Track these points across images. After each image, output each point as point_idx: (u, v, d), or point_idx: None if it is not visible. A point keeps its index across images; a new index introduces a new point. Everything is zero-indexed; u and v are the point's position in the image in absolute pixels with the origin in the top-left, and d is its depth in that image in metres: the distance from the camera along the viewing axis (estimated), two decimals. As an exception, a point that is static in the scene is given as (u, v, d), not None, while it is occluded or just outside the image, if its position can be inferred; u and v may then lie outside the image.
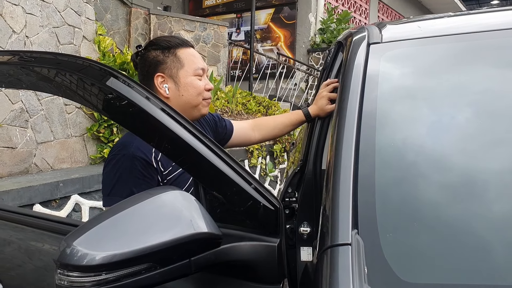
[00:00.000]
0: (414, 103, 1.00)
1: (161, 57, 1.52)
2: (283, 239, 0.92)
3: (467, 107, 0.96)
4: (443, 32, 1.26)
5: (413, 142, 0.91)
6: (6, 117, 3.82)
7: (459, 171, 0.83)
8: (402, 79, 1.07)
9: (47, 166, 4.20)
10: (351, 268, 0.68)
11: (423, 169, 0.85)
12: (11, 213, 1.41)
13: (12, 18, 3.95)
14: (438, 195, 0.81)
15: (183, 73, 1.51)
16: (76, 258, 0.75)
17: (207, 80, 1.57)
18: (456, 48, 1.15)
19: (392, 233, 0.74)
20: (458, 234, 0.74)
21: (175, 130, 0.90)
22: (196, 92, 1.52)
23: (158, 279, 0.82)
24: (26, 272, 1.35)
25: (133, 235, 0.79)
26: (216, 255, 0.88)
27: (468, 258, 0.70)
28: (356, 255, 0.70)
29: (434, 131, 0.93)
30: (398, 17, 13.56)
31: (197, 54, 1.58)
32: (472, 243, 0.72)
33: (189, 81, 1.51)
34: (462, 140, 0.90)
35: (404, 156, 0.88)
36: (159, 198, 0.86)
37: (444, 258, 0.71)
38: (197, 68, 1.53)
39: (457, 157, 0.86)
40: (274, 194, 0.95)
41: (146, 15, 6.90)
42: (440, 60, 1.13)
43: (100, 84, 0.93)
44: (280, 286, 0.91)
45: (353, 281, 0.66)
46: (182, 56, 1.52)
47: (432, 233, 0.75)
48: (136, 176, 1.34)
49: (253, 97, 7.31)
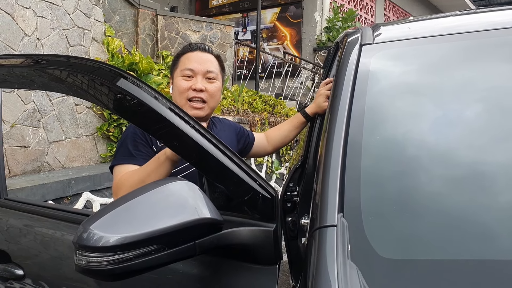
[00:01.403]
0: (400, 100, 1.09)
1: (173, 62, 1.70)
2: (279, 224, 1.01)
3: (449, 103, 1.04)
4: (432, 33, 1.34)
5: (396, 136, 1.00)
6: (19, 117, 3.94)
7: (434, 164, 0.92)
8: (390, 78, 1.16)
9: (59, 164, 4.32)
10: (336, 246, 0.77)
11: (404, 161, 0.94)
12: (29, 205, 1.51)
13: (24, 21, 4.06)
14: (415, 185, 0.90)
15: (175, 75, 1.66)
16: (92, 241, 0.84)
17: (198, 81, 1.59)
18: (444, 48, 1.23)
19: (374, 216, 0.83)
20: (430, 217, 0.83)
21: (181, 127, 0.99)
22: (178, 91, 1.61)
23: (166, 259, 0.91)
24: (43, 260, 1.45)
25: (143, 219, 0.88)
26: (218, 238, 0.97)
27: (437, 238, 0.79)
28: (341, 235, 0.78)
29: (416, 125, 1.02)
30: (404, 15, 13.55)
31: (195, 56, 1.63)
32: (442, 224, 0.81)
33: (176, 82, 1.63)
34: (441, 133, 0.98)
35: (388, 149, 0.97)
36: (167, 188, 0.95)
37: (417, 238, 0.80)
38: (184, 69, 1.61)
39: (434, 149, 0.95)
40: (270, 184, 1.04)
41: (153, 16, 7.00)
42: (427, 59, 1.21)
43: (111, 84, 1.02)
44: (276, 266, 1.00)
45: (337, 258, 0.75)
46: (181, 60, 1.65)
47: (408, 217, 0.84)
48: (135, 140, 1.49)
49: (259, 96, 7.40)
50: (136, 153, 1.48)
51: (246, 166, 1.03)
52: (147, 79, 5.02)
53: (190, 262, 1.03)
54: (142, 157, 1.47)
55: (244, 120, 6.08)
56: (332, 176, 0.89)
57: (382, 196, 0.89)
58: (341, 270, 0.73)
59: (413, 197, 0.87)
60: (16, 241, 1.46)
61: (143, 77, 5.01)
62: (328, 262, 0.75)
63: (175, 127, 0.99)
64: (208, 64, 1.64)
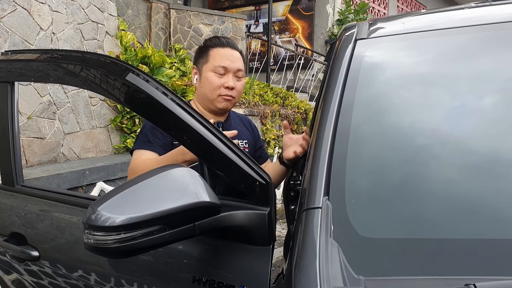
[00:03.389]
0: (388, 93, 1.15)
1: (200, 53, 1.76)
2: (273, 208, 1.09)
3: (435, 95, 1.11)
4: (426, 27, 1.39)
5: (382, 126, 1.07)
6: (35, 110, 4.06)
7: (413, 152, 0.99)
8: (381, 72, 1.22)
9: (74, 155, 4.45)
10: (319, 226, 0.84)
11: (386, 149, 1.02)
12: (45, 192, 1.60)
13: (40, 16, 4.18)
14: (394, 171, 0.97)
15: (205, 68, 1.71)
16: (100, 221, 0.92)
17: (230, 79, 1.69)
18: (437, 42, 1.29)
19: (356, 199, 0.91)
20: (407, 200, 0.90)
21: (186, 120, 1.07)
22: (210, 87, 1.68)
23: (167, 239, 0.99)
24: (59, 244, 1.54)
25: (147, 202, 0.96)
26: (216, 221, 1.05)
27: (413, 218, 0.87)
28: (325, 216, 0.86)
29: (401, 117, 1.09)
30: (418, 7, 13.43)
31: (227, 54, 1.71)
32: (417, 205, 0.88)
33: (207, 76, 1.69)
34: (423, 123, 1.05)
35: (373, 138, 1.04)
36: (170, 173, 1.03)
37: (394, 219, 0.88)
38: (217, 66, 1.68)
39: (415, 139, 1.02)
40: (265, 171, 1.11)
41: (166, 10, 7.09)
42: (419, 53, 1.27)
43: (121, 78, 1.10)
44: (270, 247, 1.08)
45: (320, 236, 0.83)
46: (211, 54, 1.71)
47: (387, 200, 0.91)
48: (154, 128, 1.60)
49: (270, 88, 7.45)
50: (154, 140, 1.60)
51: (243, 154, 1.10)
52: (159, 72, 5.12)
53: (190, 243, 1.11)
54: (158, 144, 1.60)
55: (255, 112, 6.16)
56: (320, 162, 0.97)
57: (364, 181, 0.96)
58: (323, 247, 0.81)
59: (392, 182, 0.95)
60: (32, 225, 1.56)
61: (155, 70, 5.11)
62: (312, 240, 0.83)
63: (180, 119, 1.07)
64: (238, 63, 1.73)
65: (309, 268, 0.79)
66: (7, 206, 1.62)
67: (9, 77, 1.55)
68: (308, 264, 0.79)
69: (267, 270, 1.07)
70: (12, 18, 3.89)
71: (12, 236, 1.54)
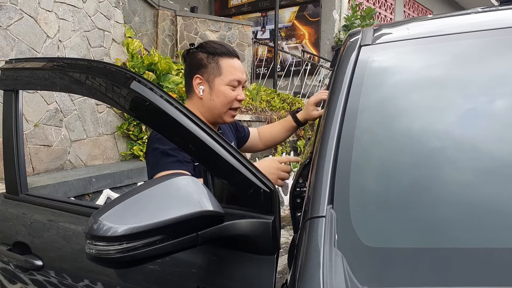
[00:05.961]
0: (392, 99, 1.14)
1: (204, 61, 1.65)
2: (278, 216, 1.07)
3: (438, 101, 1.09)
4: (431, 33, 1.38)
5: (386, 133, 1.05)
6: (42, 117, 4.08)
7: (419, 160, 0.97)
8: (385, 78, 1.21)
9: (80, 162, 4.46)
10: (323, 235, 0.83)
11: (391, 157, 1.00)
12: (48, 200, 1.60)
13: (46, 24, 4.21)
14: (400, 180, 0.95)
15: (218, 81, 1.64)
16: (102, 231, 0.91)
17: (241, 91, 1.69)
18: (441, 48, 1.27)
19: (361, 208, 0.89)
20: (413, 209, 0.88)
21: (191, 129, 1.06)
22: (226, 101, 1.65)
23: (170, 249, 0.98)
24: (65, 254, 1.53)
25: (149, 211, 0.95)
26: (219, 230, 1.04)
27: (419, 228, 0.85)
28: (329, 225, 0.84)
29: (405, 124, 1.07)
30: (425, 12, 13.41)
31: (238, 65, 1.68)
32: (424, 215, 0.86)
33: (222, 90, 1.64)
34: (427, 131, 1.03)
35: (377, 146, 1.02)
36: (173, 182, 1.02)
37: (400, 228, 0.86)
38: (233, 79, 1.64)
39: (420, 147, 1.00)
40: (269, 179, 1.10)
41: (172, 17, 7.12)
42: (423, 60, 1.26)
43: (125, 87, 1.10)
44: (274, 256, 1.07)
45: (324, 246, 0.81)
46: (223, 65, 1.64)
47: (393, 209, 0.90)
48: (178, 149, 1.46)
49: (277, 94, 7.46)
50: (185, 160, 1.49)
51: (247, 162, 1.09)
52: (166, 78, 5.13)
53: (195, 252, 1.10)
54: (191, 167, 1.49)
55: (262, 118, 6.15)
56: (324, 170, 0.95)
57: (369, 189, 0.94)
58: (327, 257, 0.80)
59: (398, 190, 0.93)
60: (36, 234, 1.56)
61: (162, 77, 5.11)
62: (316, 250, 0.81)
63: (184, 128, 1.06)
64: (245, 74, 1.72)
65: (312, 279, 0.77)
66: (11, 215, 1.62)
67: (16, 85, 1.55)
68: (312, 275, 0.78)
69: (271, 279, 1.05)
70: (19, 26, 3.92)
71: (16, 245, 1.54)
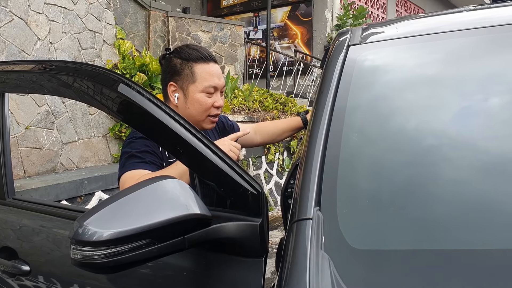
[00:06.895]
0: (380, 99, 1.13)
1: (178, 67, 1.59)
2: (265, 219, 1.06)
3: (425, 101, 1.08)
4: (419, 32, 1.37)
5: (374, 134, 1.05)
6: (33, 120, 4.05)
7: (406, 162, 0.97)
8: (372, 78, 1.20)
9: (72, 165, 4.43)
10: (310, 237, 0.82)
11: (378, 159, 0.99)
12: (35, 204, 1.58)
13: (37, 26, 4.18)
14: (386, 182, 0.95)
15: (192, 88, 1.57)
16: (87, 236, 0.90)
17: (219, 97, 1.61)
18: (429, 47, 1.27)
19: (347, 210, 0.88)
20: (400, 211, 0.88)
21: (179, 132, 1.05)
22: (201, 108, 1.58)
23: (156, 253, 0.96)
24: (52, 258, 1.52)
25: (135, 215, 0.94)
26: (207, 233, 1.02)
27: (406, 230, 0.84)
28: (316, 227, 0.84)
29: (393, 125, 1.06)
30: (417, 11, 13.44)
31: (214, 71, 1.60)
32: (410, 217, 0.86)
33: (197, 97, 1.57)
34: (415, 131, 1.02)
35: (365, 147, 1.02)
36: (160, 185, 1.00)
37: (387, 230, 0.85)
38: (208, 86, 1.57)
39: (407, 149, 0.99)
40: (256, 181, 1.09)
41: (164, 18, 7.10)
42: (410, 59, 1.25)
43: (112, 90, 1.08)
44: (262, 259, 1.05)
45: (310, 248, 0.80)
46: (197, 72, 1.57)
47: (380, 211, 0.89)
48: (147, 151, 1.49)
49: (270, 94, 7.44)
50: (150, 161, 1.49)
51: (235, 164, 1.08)
52: (157, 79, 5.11)
53: (181, 256, 1.09)
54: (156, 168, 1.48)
55: (255, 118, 6.14)
56: (312, 172, 0.95)
57: (356, 192, 0.94)
58: (313, 260, 0.79)
59: (386, 192, 0.92)
60: (23, 239, 1.54)
61: (153, 78, 5.10)
62: (302, 252, 0.81)
63: (171, 131, 1.05)
64: (223, 79, 1.65)
65: (299, 282, 0.76)
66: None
67: (4, 88, 1.53)
68: (299, 279, 0.77)
69: (260, 282, 1.04)
70: (9, 28, 3.89)
71: (2, 251, 1.52)
